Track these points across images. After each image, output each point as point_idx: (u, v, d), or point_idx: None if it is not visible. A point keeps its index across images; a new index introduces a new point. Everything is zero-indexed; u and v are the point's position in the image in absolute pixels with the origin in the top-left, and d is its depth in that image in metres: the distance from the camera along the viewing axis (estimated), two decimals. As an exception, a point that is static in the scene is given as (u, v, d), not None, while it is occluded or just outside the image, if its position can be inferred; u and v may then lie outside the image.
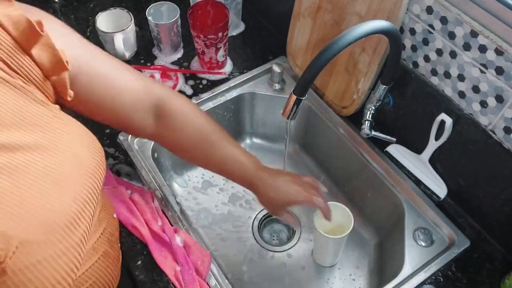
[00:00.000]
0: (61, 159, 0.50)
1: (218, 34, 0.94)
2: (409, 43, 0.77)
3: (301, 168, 1.09)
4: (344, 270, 0.92)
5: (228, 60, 1.05)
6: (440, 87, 0.75)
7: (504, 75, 0.64)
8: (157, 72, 1.02)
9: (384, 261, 0.91)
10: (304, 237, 0.97)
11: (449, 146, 0.78)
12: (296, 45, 0.98)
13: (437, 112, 0.77)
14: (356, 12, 0.80)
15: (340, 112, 0.95)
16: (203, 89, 1.01)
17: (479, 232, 0.82)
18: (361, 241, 0.96)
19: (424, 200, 0.84)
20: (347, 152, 0.95)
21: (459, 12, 0.67)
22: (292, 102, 0.68)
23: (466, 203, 0.82)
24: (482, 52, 0.66)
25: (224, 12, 0.95)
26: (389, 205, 0.89)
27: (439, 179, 0.83)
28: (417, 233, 0.82)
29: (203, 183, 1.04)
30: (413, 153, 0.85)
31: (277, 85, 1.01)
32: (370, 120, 0.84)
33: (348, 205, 1.04)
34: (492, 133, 0.70)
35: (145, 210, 0.80)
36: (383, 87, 0.80)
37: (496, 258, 0.79)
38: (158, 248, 0.77)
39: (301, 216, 1.00)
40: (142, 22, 1.13)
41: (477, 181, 0.78)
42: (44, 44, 0.51)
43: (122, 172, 0.87)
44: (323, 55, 0.62)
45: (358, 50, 0.83)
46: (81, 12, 1.11)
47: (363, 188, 0.96)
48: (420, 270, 0.77)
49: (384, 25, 0.65)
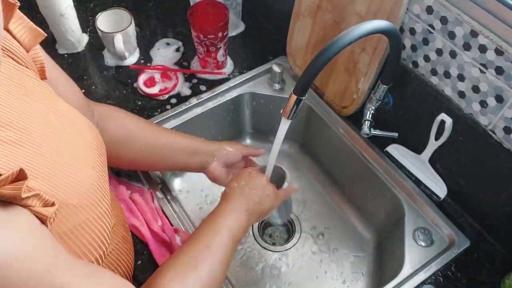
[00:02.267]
0: (70, 133, 0.53)
1: (218, 34, 0.94)
2: (409, 43, 0.77)
3: (300, 168, 1.09)
4: (344, 270, 0.92)
5: (228, 60, 1.05)
6: (440, 87, 0.75)
7: (504, 75, 0.64)
8: (157, 72, 1.02)
9: (384, 261, 0.91)
10: (303, 237, 0.97)
11: (449, 146, 0.78)
12: (296, 45, 0.98)
13: (437, 112, 0.77)
14: (356, 12, 0.80)
15: (340, 112, 0.95)
16: (203, 89, 1.01)
17: (479, 232, 0.82)
18: (361, 241, 0.96)
19: (424, 200, 0.84)
20: (347, 152, 0.95)
21: (459, 12, 0.67)
22: (292, 102, 0.68)
23: (466, 203, 0.82)
24: (482, 52, 0.66)
25: (224, 12, 0.95)
26: (389, 205, 0.89)
27: (439, 179, 0.83)
28: (417, 233, 0.82)
29: (203, 183, 1.03)
30: (413, 153, 0.85)
31: (277, 85, 1.01)
32: (370, 120, 0.84)
33: (348, 205, 1.05)
34: (492, 133, 0.70)
35: (145, 210, 0.80)
36: (383, 87, 0.80)
37: (496, 258, 0.79)
38: (158, 248, 0.77)
39: (301, 216, 1.00)
40: (142, 22, 1.13)
41: (477, 181, 0.77)
42: (18, 18, 0.51)
43: (122, 172, 0.87)
44: (323, 55, 0.62)
45: (358, 50, 0.83)
46: (81, 12, 1.11)
47: (363, 188, 0.95)
48: (420, 270, 0.77)
49: (384, 25, 0.64)
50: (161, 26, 1.13)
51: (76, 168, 0.50)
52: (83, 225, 0.48)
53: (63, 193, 0.46)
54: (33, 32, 0.53)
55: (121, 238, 0.65)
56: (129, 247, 0.69)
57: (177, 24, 1.13)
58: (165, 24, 1.14)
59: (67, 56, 1.06)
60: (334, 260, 0.94)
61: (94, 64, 1.05)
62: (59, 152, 0.49)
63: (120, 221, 0.67)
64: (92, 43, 1.09)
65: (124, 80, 1.01)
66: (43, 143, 0.47)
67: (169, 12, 1.16)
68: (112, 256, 0.61)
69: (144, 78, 1.01)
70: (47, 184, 0.45)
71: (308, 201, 1.03)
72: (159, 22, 1.14)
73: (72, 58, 1.05)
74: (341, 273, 0.92)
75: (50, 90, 0.55)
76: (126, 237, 0.68)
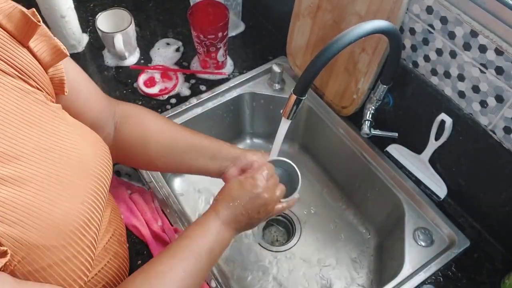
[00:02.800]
0: (66, 162, 0.49)
1: (218, 34, 0.94)
2: (409, 43, 0.77)
3: (300, 168, 1.08)
4: (344, 270, 0.92)
5: (228, 60, 1.05)
6: (440, 87, 0.75)
7: (504, 75, 0.64)
8: (157, 72, 1.02)
9: (384, 261, 0.91)
10: (303, 237, 0.97)
11: (449, 146, 0.78)
12: (296, 45, 0.98)
13: (437, 112, 0.77)
14: (356, 12, 0.80)
15: (340, 112, 0.95)
16: (203, 89, 1.01)
17: (479, 232, 0.82)
18: (361, 241, 0.96)
19: (424, 200, 0.84)
20: (347, 152, 0.95)
21: (459, 12, 0.67)
22: (292, 102, 0.68)
23: (466, 203, 0.82)
24: (482, 52, 0.66)
25: (224, 12, 0.95)
26: (389, 205, 0.89)
27: (439, 179, 0.83)
28: (417, 233, 0.82)
29: (203, 183, 1.03)
30: (413, 153, 0.85)
31: (277, 85, 1.01)
32: (370, 120, 0.84)
33: (348, 205, 1.05)
34: (492, 133, 0.70)
35: (145, 210, 0.80)
36: (383, 87, 0.80)
37: (496, 258, 0.79)
38: (158, 248, 0.77)
39: (301, 216, 1.00)
40: (142, 22, 1.13)
41: (477, 181, 0.77)
42: (41, 34, 0.50)
43: (122, 172, 0.87)
44: (323, 55, 0.62)
45: (358, 50, 0.83)
46: (81, 12, 1.11)
47: (363, 188, 0.96)
48: (420, 270, 0.77)
49: (384, 25, 0.64)
50: (161, 26, 1.13)
51: (59, 205, 0.46)
52: (55, 266, 0.45)
53: (36, 234, 0.44)
54: (55, 50, 0.51)
55: (113, 255, 0.62)
56: (122, 261, 0.65)
57: (177, 24, 1.13)
58: (165, 24, 1.14)
59: (67, 56, 1.06)
60: (334, 260, 0.94)
61: (94, 64, 1.05)
62: (45, 185, 0.46)
63: (116, 236, 0.64)
64: (92, 43, 1.09)
65: (124, 80, 1.01)
66: (29, 175, 0.45)
67: (169, 12, 1.16)
68: (101, 275, 0.59)
69: (144, 78, 1.01)
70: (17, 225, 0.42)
71: (308, 201, 1.03)
72: (159, 22, 1.14)
73: (72, 58, 1.05)
74: (341, 273, 0.92)
75: (56, 114, 0.52)
76: (119, 252, 0.64)
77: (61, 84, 0.54)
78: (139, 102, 0.98)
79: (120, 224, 0.68)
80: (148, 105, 0.97)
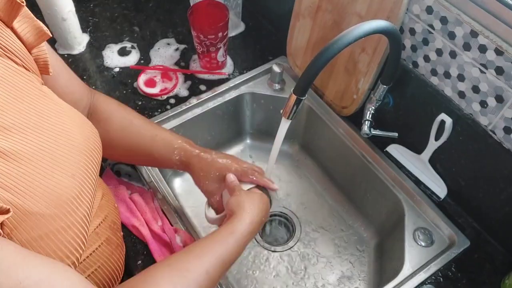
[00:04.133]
0: (55, 138, 0.51)
1: (218, 34, 0.94)
2: (409, 43, 0.77)
3: (300, 168, 1.09)
4: (344, 270, 0.92)
5: (228, 60, 1.05)
6: (440, 87, 0.75)
7: (504, 75, 0.64)
8: (157, 72, 1.02)
9: (384, 261, 0.91)
10: (303, 237, 0.97)
11: (449, 146, 0.78)
12: (296, 45, 0.98)
13: (437, 112, 0.77)
14: (356, 12, 0.80)
15: (340, 112, 0.95)
16: (203, 89, 1.01)
17: (479, 232, 0.82)
18: (361, 241, 0.97)
19: (424, 200, 0.84)
20: (347, 152, 0.95)
21: (459, 12, 0.67)
22: (292, 102, 0.68)
23: (466, 203, 0.82)
24: (482, 52, 0.66)
25: (224, 12, 0.95)
26: (389, 205, 0.89)
27: (439, 179, 0.83)
28: (417, 233, 0.82)
29: (203, 183, 1.03)
30: (413, 153, 0.85)
31: (277, 85, 1.01)
32: (370, 120, 0.84)
33: (348, 205, 1.04)
34: (492, 133, 0.70)
35: (145, 210, 0.80)
36: (383, 87, 0.80)
37: (496, 258, 0.79)
38: (158, 248, 0.77)
39: (301, 216, 1.00)
40: (142, 22, 1.13)
41: (477, 181, 0.77)
42: (24, 15, 0.51)
43: (122, 172, 0.87)
44: (323, 55, 0.62)
45: (358, 50, 0.83)
46: (81, 12, 1.11)
47: (363, 188, 0.96)
48: (420, 270, 0.77)
49: (384, 25, 0.64)
50: (161, 26, 1.13)
51: (51, 177, 0.48)
52: (50, 235, 0.46)
53: (31, 202, 0.45)
54: (38, 31, 0.53)
55: (105, 240, 0.63)
56: (115, 248, 0.66)
57: (177, 24, 1.13)
58: (165, 24, 1.14)
59: (67, 56, 1.06)
60: (334, 260, 0.94)
61: (94, 64, 1.05)
62: (36, 158, 0.47)
63: (107, 223, 0.65)
64: (92, 43, 1.09)
65: (124, 80, 1.01)
66: (20, 148, 0.46)
67: (169, 12, 1.17)
68: (92, 258, 0.60)
69: (144, 78, 1.01)
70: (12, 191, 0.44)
71: (308, 201, 1.03)
72: (159, 22, 1.14)
73: (72, 58, 1.05)
74: (341, 273, 0.92)
75: (44, 93, 0.54)
76: (111, 239, 0.65)
77: (45, 65, 0.56)
78: (139, 102, 0.98)
79: (113, 212, 0.69)
80: (148, 105, 0.97)
